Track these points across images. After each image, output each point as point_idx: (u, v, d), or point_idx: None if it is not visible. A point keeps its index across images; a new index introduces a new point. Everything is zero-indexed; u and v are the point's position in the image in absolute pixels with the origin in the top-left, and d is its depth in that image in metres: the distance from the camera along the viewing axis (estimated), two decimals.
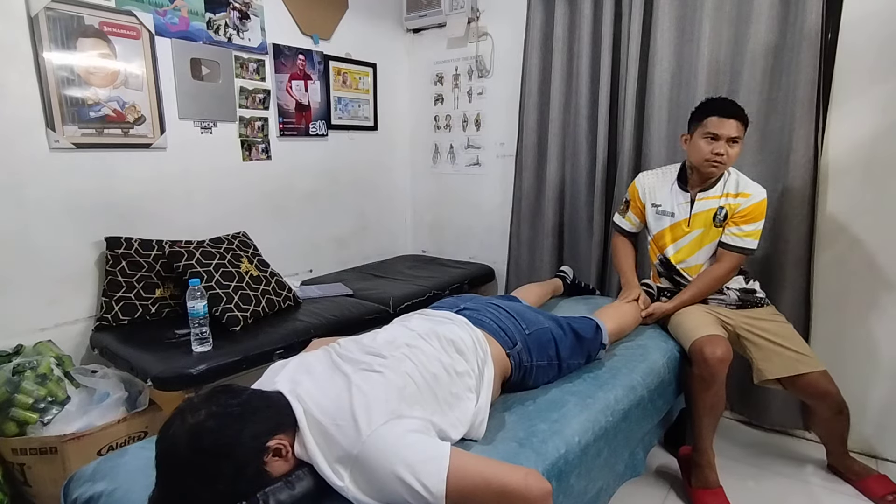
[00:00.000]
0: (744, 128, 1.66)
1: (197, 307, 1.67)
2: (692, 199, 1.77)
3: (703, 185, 1.75)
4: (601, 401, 1.32)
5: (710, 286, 1.75)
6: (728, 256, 1.71)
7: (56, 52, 1.77)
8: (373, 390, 0.98)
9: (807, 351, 1.66)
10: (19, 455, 1.53)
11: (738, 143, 1.65)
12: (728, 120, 1.63)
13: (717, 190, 1.73)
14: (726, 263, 1.72)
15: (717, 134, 1.64)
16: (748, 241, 1.69)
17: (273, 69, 2.44)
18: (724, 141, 1.63)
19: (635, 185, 1.92)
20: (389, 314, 2.17)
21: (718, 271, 1.73)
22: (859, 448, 1.95)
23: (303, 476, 0.92)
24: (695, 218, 1.75)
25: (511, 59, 2.68)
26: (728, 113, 1.63)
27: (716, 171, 1.68)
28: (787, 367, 1.63)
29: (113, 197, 1.97)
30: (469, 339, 1.24)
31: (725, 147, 1.63)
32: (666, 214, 1.82)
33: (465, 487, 0.86)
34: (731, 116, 1.63)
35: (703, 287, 1.75)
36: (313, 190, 2.73)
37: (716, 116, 1.64)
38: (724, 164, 1.66)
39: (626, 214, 1.96)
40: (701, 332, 1.61)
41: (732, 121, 1.63)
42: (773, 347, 1.67)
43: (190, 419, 0.86)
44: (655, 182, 1.87)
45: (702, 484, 1.66)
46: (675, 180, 1.82)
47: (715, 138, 1.64)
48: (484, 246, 3.01)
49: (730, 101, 1.69)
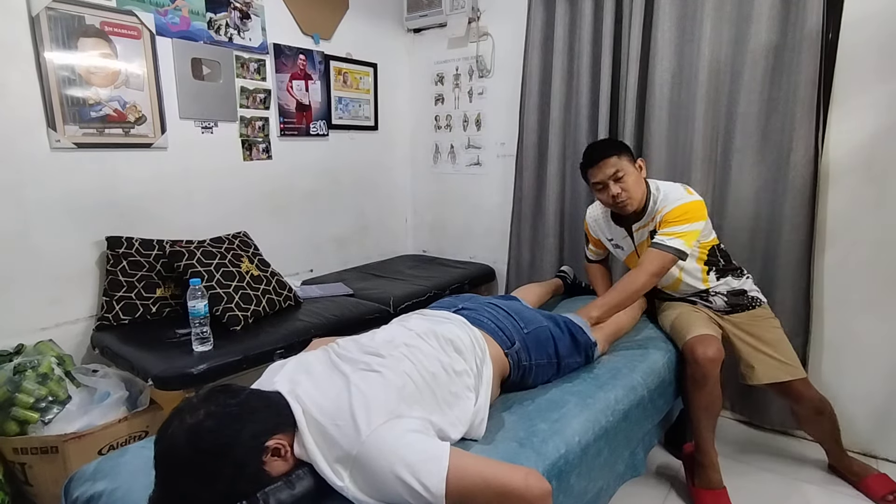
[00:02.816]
0: (620, 156, 1.63)
1: (198, 307, 1.67)
2: (630, 232, 1.78)
3: (635, 218, 1.73)
4: (601, 401, 1.32)
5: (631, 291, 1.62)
6: (650, 255, 1.61)
7: (57, 51, 1.77)
8: (372, 390, 0.98)
9: (788, 358, 1.67)
10: (20, 454, 1.53)
11: (624, 174, 1.62)
12: (600, 163, 1.63)
13: (648, 215, 1.70)
14: (647, 264, 1.61)
15: (599, 182, 1.65)
16: (675, 240, 1.58)
17: (274, 69, 2.44)
18: (610, 182, 1.63)
19: (586, 222, 1.96)
20: (390, 314, 2.17)
21: (637, 273, 1.62)
22: (859, 448, 1.95)
23: (303, 476, 0.92)
24: (640, 247, 1.75)
25: (511, 59, 2.68)
26: (596, 158, 1.64)
27: (627, 208, 1.66)
28: (768, 376, 1.66)
29: (114, 196, 1.97)
30: (467, 339, 1.24)
31: (615, 187, 1.63)
32: (618, 248, 1.87)
33: (464, 487, 0.86)
34: (600, 159, 1.63)
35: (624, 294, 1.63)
36: (314, 190, 2.73)
37: (589, 168, 1.67)
38: (628, 199, 1.64)
39: (589, 247, 2.02)
40: (693, 332, 1.62)
41: (605, 160, 1.63)
42: (756, 355, 1.68)
43: (189, 419, 0.86)
44: (599, 217, 1.89)
45: (705, 484, 1.66)
46: (609, 217, 1.84)
47: (602, 185, 1.65)
48: (484, 246, 3.01)
49: (598, 145, 1.72)
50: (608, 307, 1.62)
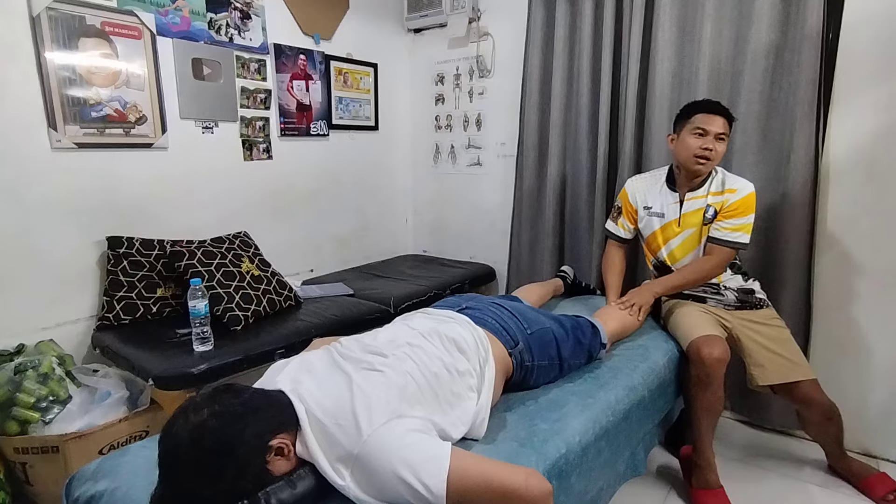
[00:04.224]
0: (730, 126, 1.69)
1: (198, 307, 1.68)
2: (681, 199, 1.77)
3: (690, 185, 1.75)
4: (602, 400, 1.32)
5: (697, 277, 1.74)
6: (717, 251, 1.70)
7: (58, 51, 1.77)
8: (374, 390, 0.98)
9: (799, 359, 1.67)
10: (21, 454, 1.54)
11: (724, 140, 1.67)
12: (716, 116, 1.66)
13: (705, 189, 1.73)
14: (715, 258, 1.71)
15: (705, 129, 1.66)
16: (738, 234, 1.67)
17: (274, 69, 2.44)
18: (712, 136, 1.65)
19: (626, 191, 1.93)
20: (390, 314, 2.17)
21: (707, 263, 1.72)
22: (859, 448, 1.95)
23: (304, 475, 0.92)
24: (685, 218, 1.76)
25: (512, 59, 2.68)
26: (716, 110, 1.67)
27: (703, 168, 1.69)
28: (779, 375, 1.64)
29: (114, 196, 1.97)
30: (471, 338, 1.24)
31: (713, 143, 1.65)
32: (656, 215, 1.84)
33: (465, 487, 0.87)
34: (718, 113, 1.66)
35: (690, 276, 1.75)
36: (314, 190, 2.73)
37: (703, 113, 1.67)
38: (711, 161, 1.67)
39: (619, 220, 1.96)
40: (698, 332, 1.62)
41: (720, 117, 1.66)
42: (766, 354, 1.67)
43: (193, 418, 0.86)
44: (645, 185, 1.88)
45: (702, 484, 1.66)
46: (664, 182, 1.83)
47: (703, 134, 1.66)
48: (484, 246, 3.01)
49: (716, 101, 1.72)
50: (671, 286, 1.77)
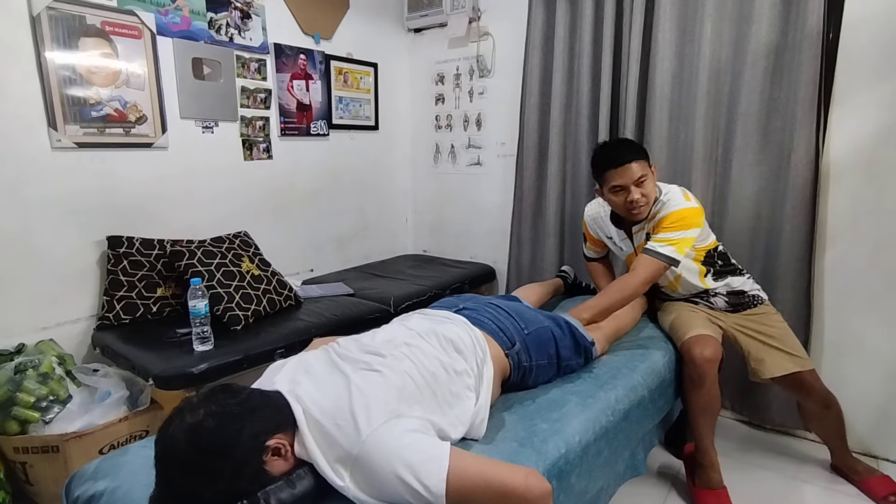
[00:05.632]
0: (646, 162, 1.61)
1: (198, 306, 1.68)
2: (629, 234, 1.77)
3: (633, 220, 1.72)
4: (602, 400, 1.32)
5: (624, 295, 1.61)
6: (641, 263, 1.60)
7: (58, 51, 1.77)
8: (372, 390, 0.98)
9: (797, 350, 1.67)
10: (21, 454, 1.54)
11: (646, 178, 1.59)
12: (626, 166, 1.58)
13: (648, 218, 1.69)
14: (640, 271, 1.59)
15: (621, 185, 1.60)
16: (667, 248, 1.56)
17: (274, 69, 2.44)
18: (631, 186, 1.59)
19: (585, 221, 1.94)
20: (390, 314, 2.18)
21: (632, 279, 1.60)
22: (859, 448, 1.95)
23: (303, 475, 0.92)
24: (639, 248, 1.72)
25: (512, 59, 2.68)
26: (622, 161, 1.58)
27: (640, 213, 1.63)
28: (779, 367, 1.64)
29: (114, 196, 1.98)
30: (468, 339, 1.24)
31: (636, 190, 1.59)
32: (618, 248, 1.86)
33: (465, 487, 0.86)
34: (626, 162, 1.58)
35: (617, 295, 1.61)
36: (314, 189, 2.73)
37: (612, 169, 1.60)
38: (646, 205, 1.62)
39: (587, 245, 2.01)
40: (691, 332, 1.62)
41: (630, 165, 1.58)
42: (764, 348, 1.67)
43: (189, 418, 0.86)
44: (599, 215, 1.87)
45: (705, 484, 1.66)
46: (608, 219, 1.82)
47: (621, 189, 1.61)
48: (485, 246, 3.01)
49: (620, 146, 1.65)
50: (599, 309, 1.60)
